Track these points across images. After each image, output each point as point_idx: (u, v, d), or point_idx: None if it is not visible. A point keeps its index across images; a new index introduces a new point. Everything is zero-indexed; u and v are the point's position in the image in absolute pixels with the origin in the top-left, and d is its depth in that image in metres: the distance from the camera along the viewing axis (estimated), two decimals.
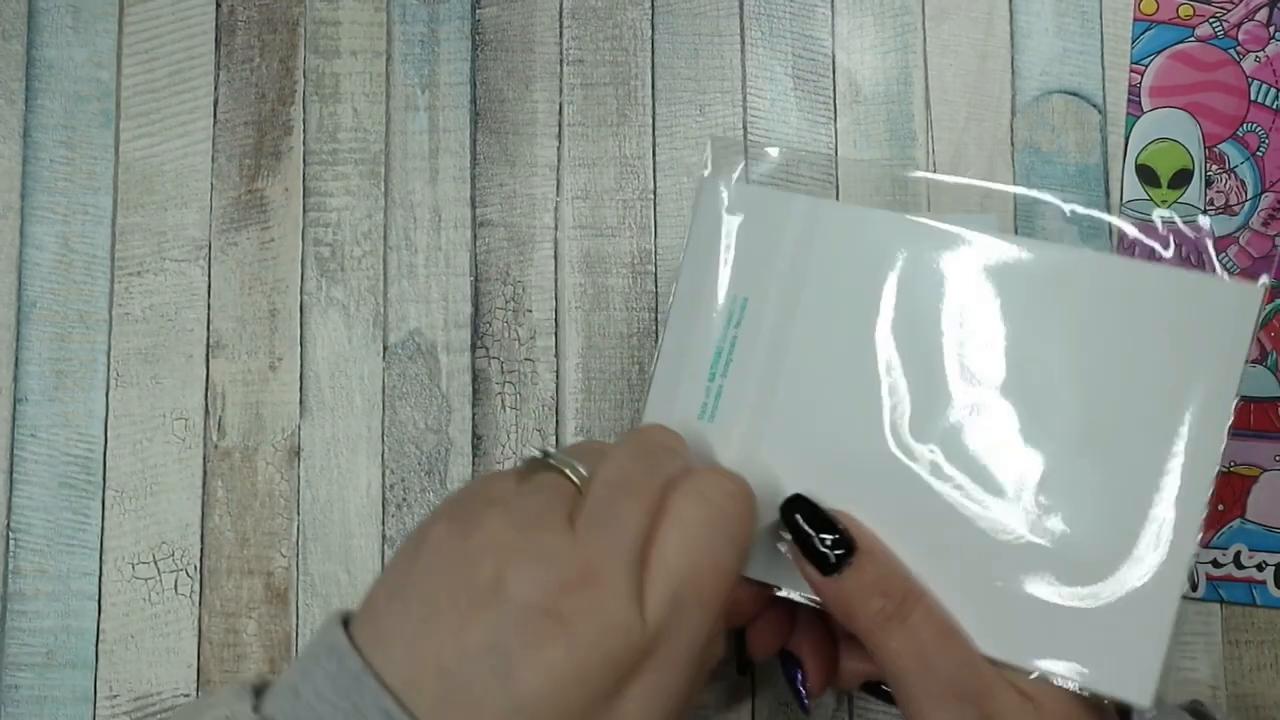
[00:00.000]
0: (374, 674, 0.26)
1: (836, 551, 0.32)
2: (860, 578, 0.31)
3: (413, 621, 0.27)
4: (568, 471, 0.30)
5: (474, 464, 0.42)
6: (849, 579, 0.31)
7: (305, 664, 0.27)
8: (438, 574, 0.27)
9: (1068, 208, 0.41)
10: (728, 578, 0.29)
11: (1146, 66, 0.42)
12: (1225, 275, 0.32)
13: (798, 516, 0.32)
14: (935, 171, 0.43)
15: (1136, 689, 0.30)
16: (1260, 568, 0.40)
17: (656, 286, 0.42)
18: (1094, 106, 0.43)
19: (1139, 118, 0.42)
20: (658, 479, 0.30)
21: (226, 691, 0.28)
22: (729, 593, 0.30)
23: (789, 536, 0.32)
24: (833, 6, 0.44)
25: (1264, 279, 0.32)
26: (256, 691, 0.28)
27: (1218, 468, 0.30)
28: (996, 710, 0.30)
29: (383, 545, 0.41)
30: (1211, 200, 0.42)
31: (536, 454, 0.31)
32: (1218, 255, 0.41)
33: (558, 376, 0.42)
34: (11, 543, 0.41)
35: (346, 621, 0.28)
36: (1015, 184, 0.42)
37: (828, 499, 0.33)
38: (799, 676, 0.35)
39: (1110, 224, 0.42)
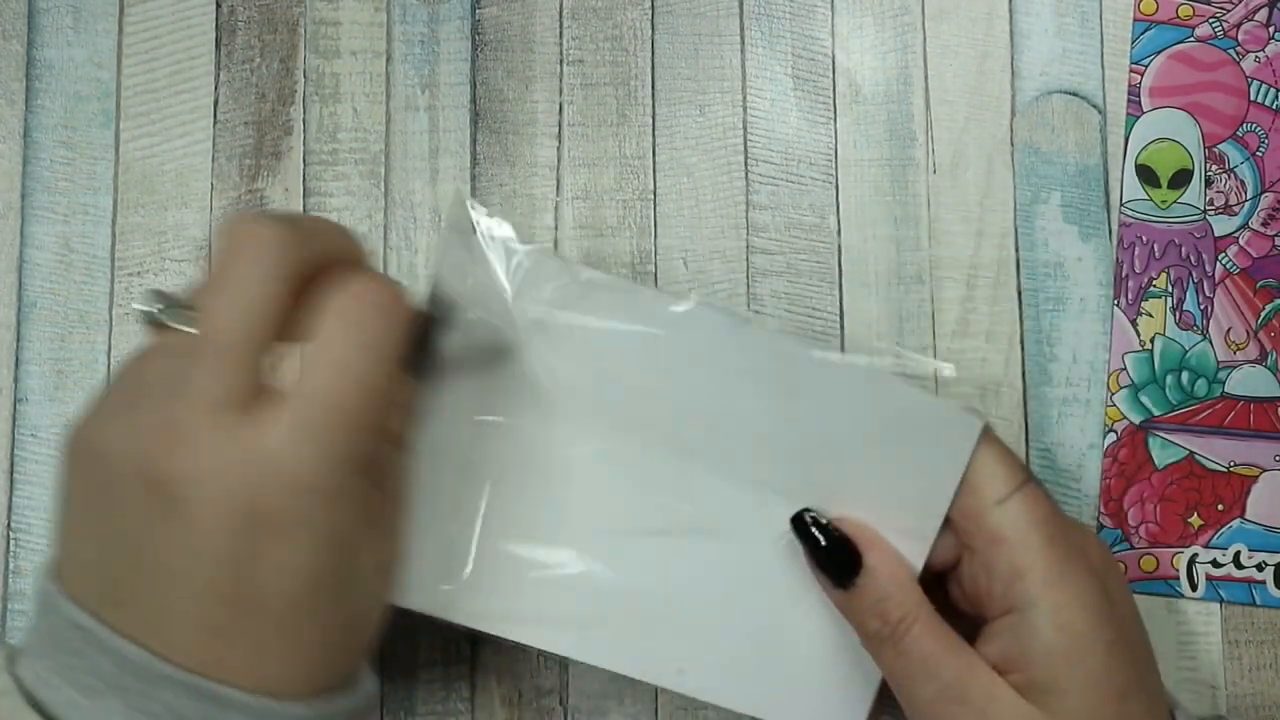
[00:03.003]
0: (59, 589, 0.28)
1: (843, 569, 0.33)
2: (862, 599, 0.33)
3: (79, 538, 0.29)
4: (179, 326, 0.29)
5: None
6: (853, 599, 0.33)
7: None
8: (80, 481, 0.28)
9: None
10: (379, 396, 0.29)
11: (1146, 66, 0.42)
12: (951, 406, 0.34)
13: (812, 529, 0.34)
14: (935, 172, 0.43)
15: None
16: (1260, 568, 0.40)
17: (656, 287, 0.42)
18: (1094, 107, 0.43)
19: (1139, 118, 0.42)
20: (276, 288, 0.28)
21: None
22: (381, 411, 0.29)
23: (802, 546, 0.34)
24: (832, 6, 0.44)
25: (980, 421, 0.33)
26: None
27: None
28: None
29: None
30: (1211, 200, 0.42)
31: (144, 309, 0.30)
32: (1218, 255, 0.42)
33: None
34: (12, 543, 0.41)
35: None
36: (1015, 184, 0.42)
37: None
38: None
39: (1110, 223, 0.42)
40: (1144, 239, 0.42)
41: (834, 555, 0.33)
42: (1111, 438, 0.41)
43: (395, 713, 0.40)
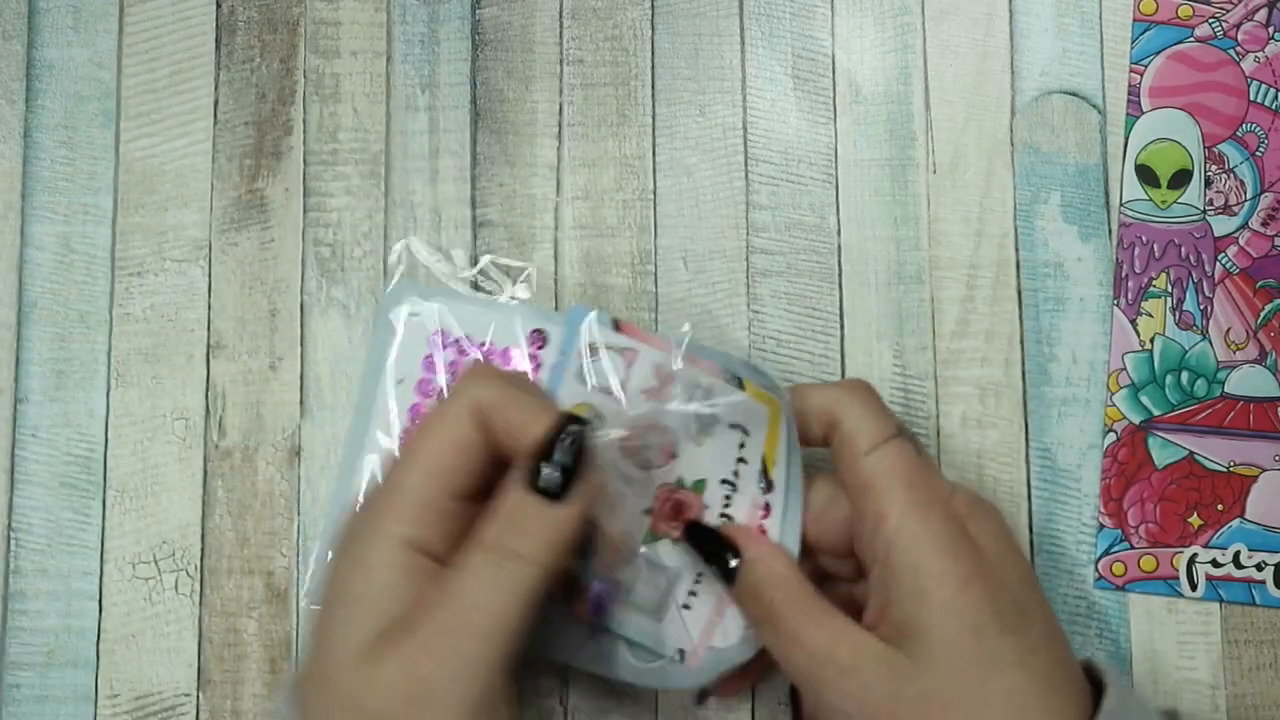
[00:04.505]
0: None
1: (730, 563, 0.34)
2: (742, 589, 0.34)
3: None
4: None
5: None
6: (737, 591, 0.35)
7: None
8: None
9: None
10: (496, 636, 0.31)
11: (1146, 67, 0.42)
12: None
13: (697, 534, 0.36)
14: (935, 172, 0.43)
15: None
16: (1260, 567, 0.40)
17: (656, 286, 0.42)
18: (1093, 107, 0.43)
19: (1138, 118, 0.42)
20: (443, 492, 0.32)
21: None
22: (500, 648, 0.31)
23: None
24: (833, 6, 0.44)
25: None
26: None
27: None
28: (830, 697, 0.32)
29: None
30: (1211, 200, 0.42)
31: None
32: (1218, 255, 0.42)
33: None
34: (12, 542, 0.42)
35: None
36: (1015, 184, 0.42)
37: None
38: None
39: (1110, 223, 0.42)
40: (1144, 239, 0.42)
41: (716, 551, 0.35)
42: (1111, 438, 0.41)
43: None
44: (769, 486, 0.36)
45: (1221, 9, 0.42)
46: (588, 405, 0.37)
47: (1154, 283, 0.42)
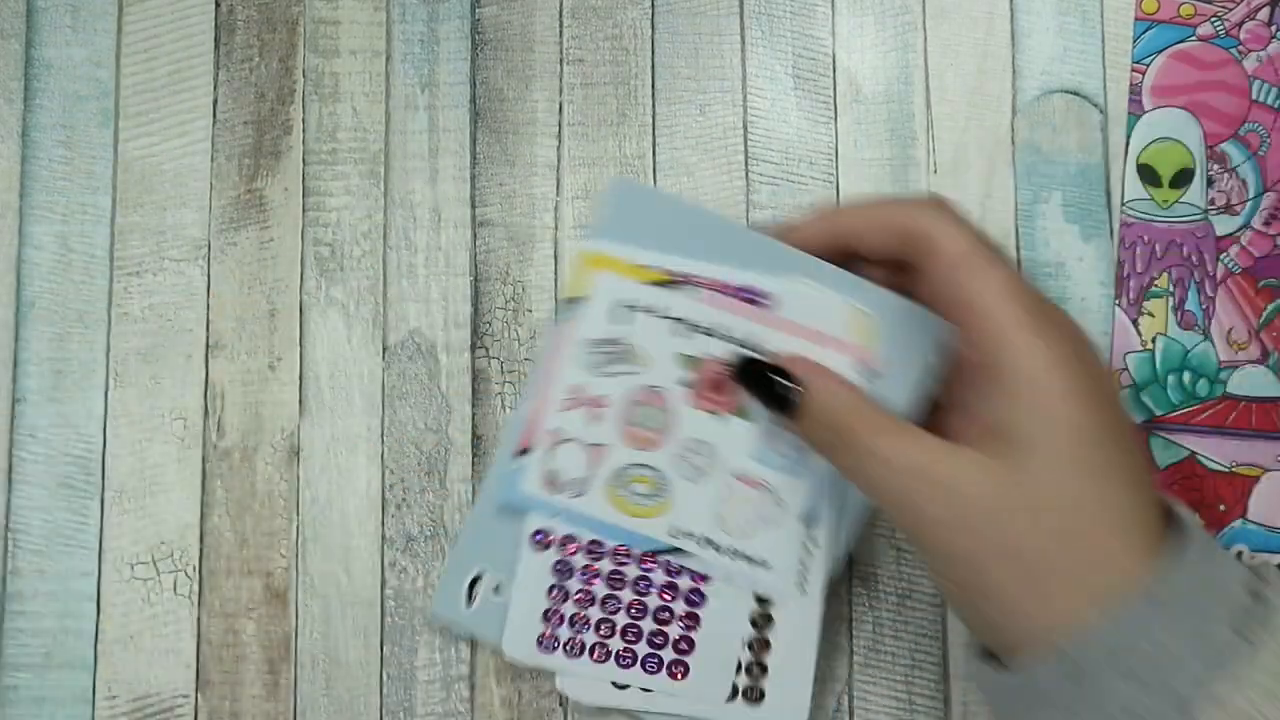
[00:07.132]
0: None
1: (789, 395, 0.34)
2: (809, 417, 0.34)
3: None
4: None
5: (474, 464, 0.42)
6: (803, 421, 0.34)
7: None
8: None
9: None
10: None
11: (1148, 66, 0.42)
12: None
13: (749, 365, 0.36)
14: (936, 172, 0.43)
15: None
16: None
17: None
18: (1095, 106, 0.42)
19: (1140, 117, 0.42)
20: None
21: None
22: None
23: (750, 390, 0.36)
24: (833, 6, 0.43)
25: None
26: None
27: None
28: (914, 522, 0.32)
29: (382, 546, 0.41)
30: (1213, 200, 0.42)
31: None
32: (1220, 254, 0.42)
33: None
34: (10, 543, 0.41)
35: None
36: (1016, 184, 0.42)
37: None
38: None
39: (1111, 223, 0.42)
40: (1145, 239, 0.42)
41: (775, 380, 0.35)
42: None
43: (395, 713, 0.40)
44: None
45: (1223, 8, 0.42)
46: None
47: (1156, 282, 0.41)
